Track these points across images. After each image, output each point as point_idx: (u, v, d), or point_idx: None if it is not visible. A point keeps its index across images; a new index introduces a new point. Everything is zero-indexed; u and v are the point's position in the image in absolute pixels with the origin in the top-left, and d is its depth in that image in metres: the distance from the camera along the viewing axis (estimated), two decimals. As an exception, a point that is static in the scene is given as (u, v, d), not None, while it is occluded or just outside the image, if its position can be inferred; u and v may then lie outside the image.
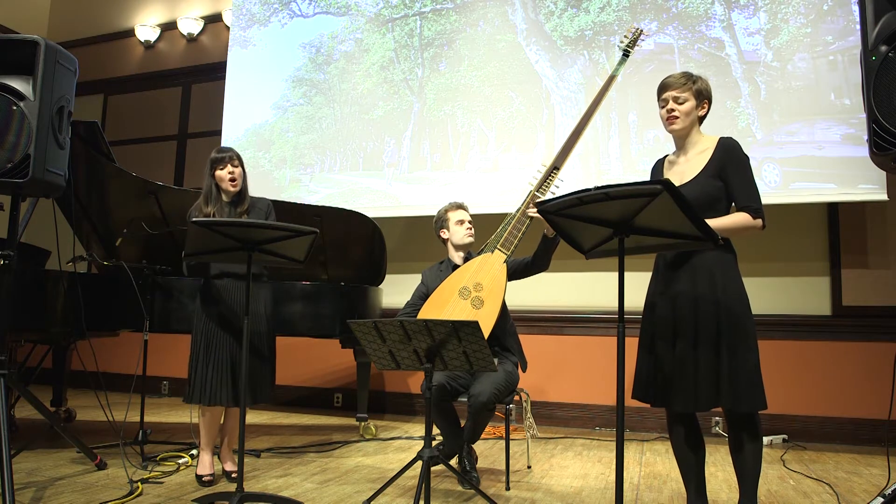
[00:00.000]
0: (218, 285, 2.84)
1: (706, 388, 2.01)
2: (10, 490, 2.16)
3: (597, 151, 4.36)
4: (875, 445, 3.83)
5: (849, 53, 3.87)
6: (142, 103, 6.36)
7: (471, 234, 3.00)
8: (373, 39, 5.07)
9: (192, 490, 2.66)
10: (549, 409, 4.50)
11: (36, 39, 2.31)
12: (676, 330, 2.08)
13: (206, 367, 2.75)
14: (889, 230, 4.06)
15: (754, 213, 2.05)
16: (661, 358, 2.10)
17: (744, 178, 2.08)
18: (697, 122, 2.18)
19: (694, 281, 2.08)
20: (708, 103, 2.19)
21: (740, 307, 2.04)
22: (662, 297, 2.14)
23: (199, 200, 2.86)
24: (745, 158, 2.11)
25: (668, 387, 2.07)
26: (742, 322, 2.03)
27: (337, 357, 5.01)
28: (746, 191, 2.07)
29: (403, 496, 2.64)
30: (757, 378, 2.01)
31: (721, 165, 2.09)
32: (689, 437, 2.20)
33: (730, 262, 2.10)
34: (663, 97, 2.17)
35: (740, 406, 1.99)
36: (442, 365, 2.19)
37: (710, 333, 2.02)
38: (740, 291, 2.07)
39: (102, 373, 3.38)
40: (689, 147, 2.19)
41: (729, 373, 1.99)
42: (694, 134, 2.18)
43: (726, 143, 2.13)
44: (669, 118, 2.16)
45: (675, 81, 2.15)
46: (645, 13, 4.34)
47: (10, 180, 2.25)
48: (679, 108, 2.13)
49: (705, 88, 2.17)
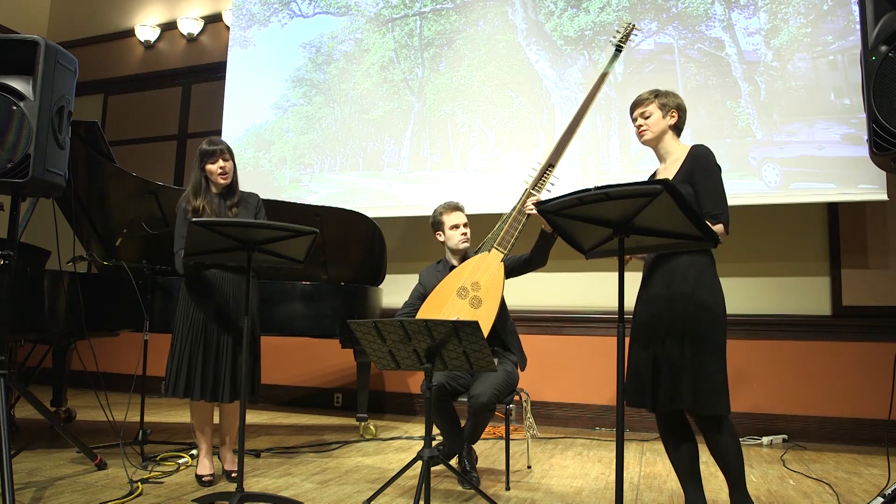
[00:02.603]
0: (207, 276, 2.78)
1: (667, 388, 2.05)
2: (10, 490, 2.16)
3: (597, 151, 4.36)
4: (875, 445, 3.83)
5: (849, 53, 3.87)
6: (142, 103, 6.36)
7: (466, 240, 2.96)
8: (373, 39, 5.07)
9: (192, 490, 2.66)
10: (549, 409, 4.50)
11: (36, 39, 2.31)
12: (651, 334, 2.13)
13: (181, 359, 2.70)
14: (889, 230, 4.06)
15: (714, 219, 2.09)
16: (636, 361, 2.17)
17: (708, 185, 2.13)
18: (671, 131, 2.27)
19: (668, 283, 2.13)
20: (677, 112, 2.27)
21: (708, 312, 2.07)
22: (640, 302, 2.23)
23: (188, 192, 2.81)
24: (714, 166, 2.16)
25: (638, 388, 2.14)
26: (708, 326, 2.06)
27: (337, 357, 5.01)
28: (710, 198, 2.12)
29: (403, 496, 2.64)
30: (720, 382, 2.03)
31: (690, 172, 2.15)
32: (676, 435, 2.22)
33: (705, 265, 2.12)
34: (633, 115, 2.31)
35: (702, 409, 2.03)
36: (442, 365, 2.20)
37: (677, 335, 2.07)
38: (712, 295, 2.09)
39: (102, 373, 3.38)
40: (666, 156, 2.30)
41: (692, 376, 2.02)
42: (667, 143, 2.28)
43: (696, 152, 2.19)
44: (639, 132, 2.30)
45: (639, 99, 2.31)
46: (645, 13, 4.34)
47: (10, 180, 2.25)
48: (646, 122, 2.27)
49: (671, 100, 2.27)
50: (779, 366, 4.05)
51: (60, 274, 3.19)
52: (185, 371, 2.70)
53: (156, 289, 3.45)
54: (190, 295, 2.77)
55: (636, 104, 2.30)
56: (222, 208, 2.81)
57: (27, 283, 3.11)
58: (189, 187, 2.83)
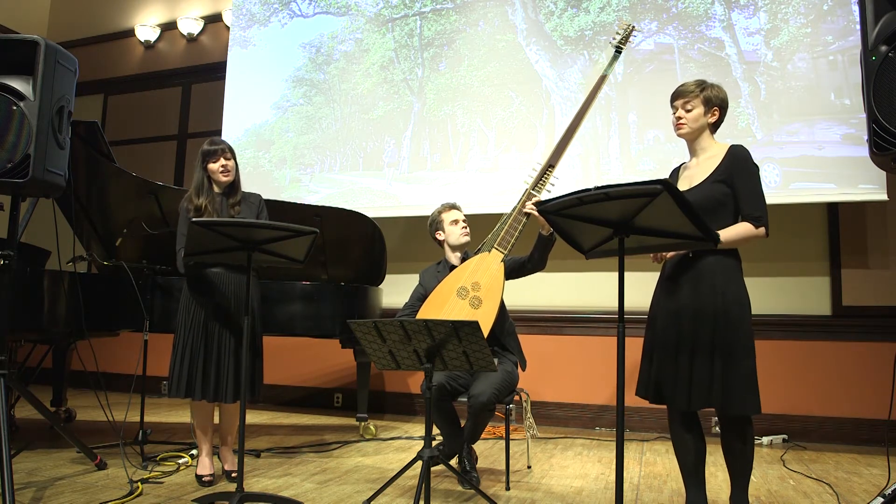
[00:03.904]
0: (210, 275, 2.79)
1: (700, 388, 2.05)
2: (10, 490, 2.16)
3: (597, 151, 4.36)
4: (875, 445, 3.83)
5: (849, 53, 3.87)
6: (142, 103, 6.36)
7: (467, 233, 3.00)
8: (373, 39, 5.07)
9: (192, 490, 2.66)
10: (548, 409, 4.50)
11: (36, 39, 2.31)
12: (678, 344, 2.11)
13: (183, 359, 2.70)
14: (889, 230, 4.06)
15: (755, 221, 2.08)
16: (662, 366, 2.15)
17: (749, 186, 2.11)
18: (708, 129, 2.24)
19: (695, 291, 2.11)
20: (719, 110, 2.23)
21: (738, 311, 2.07)
22: (664, 312, 2.18)
23: (190, 192, 2.82)
24: (754, 167, 2.14)
25: (667, 387, 2.12)
26: (739, 325, 2.05)
27: (337, 357, 5.01)
28: (751, 200, 2.10)
29: (403, 496, 2.64)
30: (751, 382, 2.03)
31: (728, 172, 2.13)
32: (689, 433, 2.21)
33: (732, 267, 2.12)
34: (674, 104, 2.26)
35: (732, 409, 2.03)
36: (442, 365, 2.20)
37: (706, 338, 2.06)
38: (740, 295, 2.09)
39: (102, 373, 3.38)
40: (700, 152, 2.25)
41: (722, 375, 2.02)
42: (704, 139, 2.24)
43: (735, 151, 2.16)
44: (677, 124, 2.25)
45: (685, 90, 2.23)
46: (645, 13, 4.34)
47: (10, 180, 2.25)
48: (686, 115, 2.22)
49: (716, 96, 2.21)
50: (779, 366, 4.05)
51: (60, 274, 3.19)
52: (186, 371, 2.70)
53: (156, 289, 3.45)
54: (191, 294, 2.78)
55: (680, 94, 2.24)
56: (224, 207, 2.82)
57: (27, 283, 3.11)
58: (192, 187, 2.84)
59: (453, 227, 2.99)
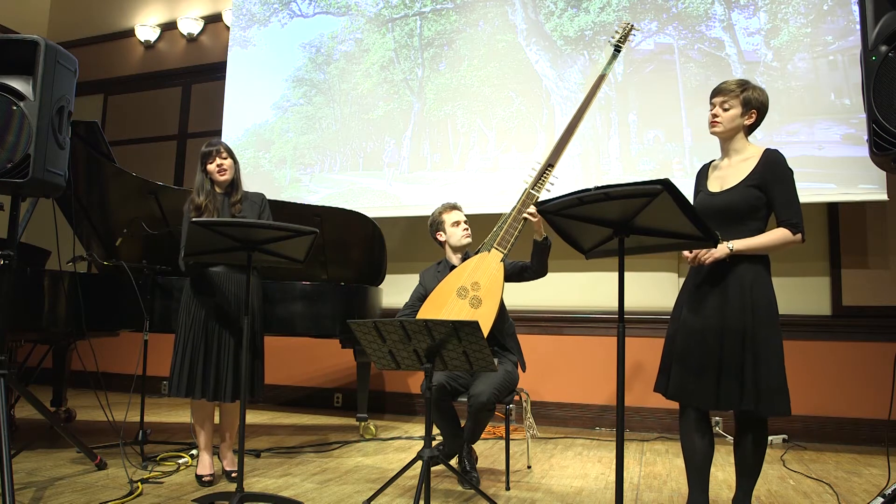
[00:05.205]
0: (211, 274, 2.80)
1: (728, 390, 2.05)
2: (10, 490, 2.16)
3: (597, 151, 4.36)
4: (875, 445, 3.83)
5: (849, 53, 3.87)
6: (142, 103, 6.36)
7: (468, 234, 2.99)
8: (373, 39, 5.07)
9: (192, 490, 2.66)
10: (548, 409, 4.50)
11: (36, 39, 2.31)
12: (706, 347, 2.11)
13: (183, 359, 2.71)
14: (889, 230, 4.06)
15: (793, 227, 2.08)
16: (688, 364, 2.14)
17: (785, 192, 2.10)
18: (743, 130, 2.20)
19: (725, 298, 2.11)
20: (757, 113, 2.19)
21: (767, 311, 2.08)
22: (693, 316, 2.17)
23: (193, 193, 2.85)
24: (789, 173, 2.13)
25: (693, 385, 2.12)
26: (768, 328, 2.07)
27: (337, 357, 5.01)
28: (787, 206, 2.10)
29: (403, 496, 2.64)
30: (782, 384, 2.05)
31: (763, 177, 2.12)
32: (701, 435, 2.20)
33: (760, 272, 2.13)
34: (712, 101, 2.23)
35: (764, 411, 2.03)
36: (442, 365, 2.20)
37: (737, 339, 2.07)
38: (770, 297, 2.11)
39: (102, 373, 3.38)
40: (733, 153, 2.23)
41: (753, 376, 2.03)
42: (738, 141, 2.21)
43: (771, 157, 2.14)
44: (712, 122, 2.22)
45: (725, 87, 2.20)
46: (645, 13, 4.34)
47: (10, 180, 2.25)
48: (723, 114, 2.18)
49: (756, 98, 2.17)
50: (779, 366, 4.05)
51: (60, 274, 3.19)
52: (186, 370, 2.70)
53: (156, 289, 3.45)
54: (193, 293, 2.79)
55: (720, 91, 2.20)
56: (225, 206, 2.83)
57: (27, 283, 3.11)
58: (193, 188, 2.86)
59: (455, 228, 2.98)
